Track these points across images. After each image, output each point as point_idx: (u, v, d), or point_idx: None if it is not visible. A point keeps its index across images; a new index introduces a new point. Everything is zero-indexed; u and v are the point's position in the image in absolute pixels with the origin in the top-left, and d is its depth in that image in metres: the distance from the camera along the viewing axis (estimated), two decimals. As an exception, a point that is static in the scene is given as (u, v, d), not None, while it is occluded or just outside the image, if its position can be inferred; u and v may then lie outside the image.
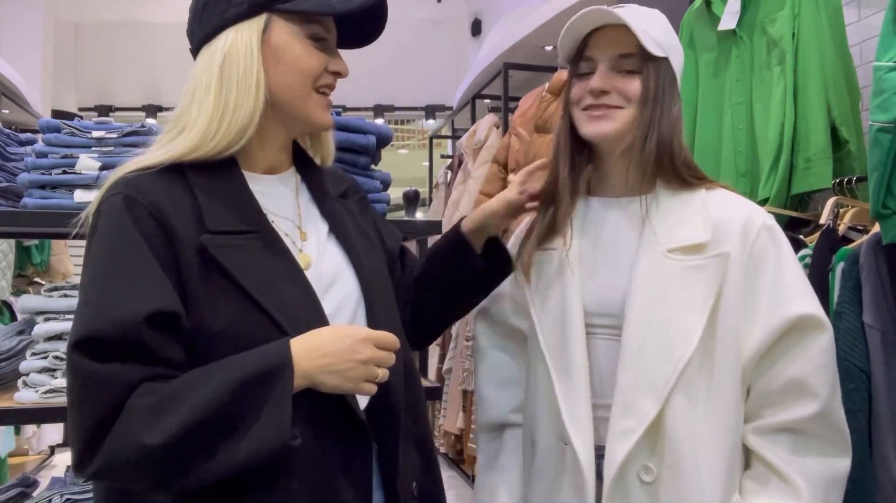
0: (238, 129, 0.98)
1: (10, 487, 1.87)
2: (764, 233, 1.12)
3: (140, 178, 0.95)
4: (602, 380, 1.13)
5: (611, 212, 1.20)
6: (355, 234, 1.11)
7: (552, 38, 3.95)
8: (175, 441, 0.83)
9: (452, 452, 4.64)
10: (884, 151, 1.49)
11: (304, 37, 1.01)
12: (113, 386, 0.85)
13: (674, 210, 1.15)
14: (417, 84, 6.85)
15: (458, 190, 4.20)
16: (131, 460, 0.84)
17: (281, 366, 0.88)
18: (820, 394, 1.08)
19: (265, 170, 1.07)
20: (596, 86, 1.13)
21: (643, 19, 1.14)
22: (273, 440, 0.86)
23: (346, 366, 0.92)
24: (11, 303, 3.92)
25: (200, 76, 1.00)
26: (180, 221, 0.93)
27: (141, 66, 6.86)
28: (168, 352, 0.89)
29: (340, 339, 0.93)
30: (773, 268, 1.11)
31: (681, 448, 1.06)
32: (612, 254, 1.17)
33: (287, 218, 1.05)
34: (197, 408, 0.84)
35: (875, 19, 2.10)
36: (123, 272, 0.90)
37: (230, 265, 0.92)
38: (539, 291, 1.21)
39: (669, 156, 1.14)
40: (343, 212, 1.13)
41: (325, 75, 1.04)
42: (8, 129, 2.03)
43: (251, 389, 0.86)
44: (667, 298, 1.09)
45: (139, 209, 0.92)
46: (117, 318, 0.86)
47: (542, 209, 1.23)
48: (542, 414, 1.19)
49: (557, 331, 1.17)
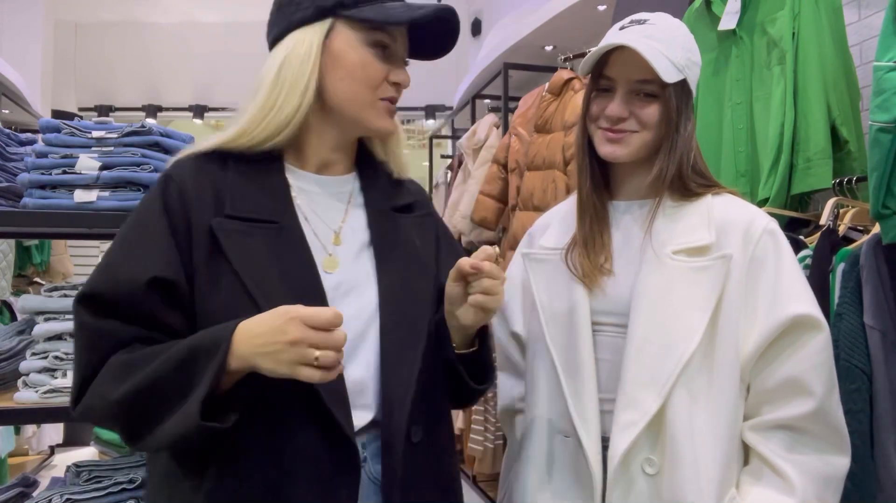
0: (276, 126, 1.01)
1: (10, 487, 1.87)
2: (766, 236, 1.15)
3: (186, 160, 1.03)
4: (607, 376, 1.16)
5: (622, 214, 1.25)
6: (397, 249, 1.07)
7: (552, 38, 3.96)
8: (125, 401, 0.89)
9: (452, 452, 4.64)
10: (884, 151, 1.49)
11: (366, 44, 1.03)
12: (106, 340, 0.93)
13: (680, 214, 1.19)
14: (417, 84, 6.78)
15: (459, 190, 4.20)
16: (98, 409, 0.93)
17: (216, 344, 0.87)
18: (816, 392, 1.10)
19: (317, 167, 1.08)
20: (614, 114, 1.17)
21: (664, 41, 1.16)
22: (186, 421, 0.86)
23: (275, 348, 0.86)
24: (11, 303, 3.92)
25: (263, 75, 1.03)
26: (202, 202, 0.98)
27: (141, 66, 6.86)
28: (166, 318, 0.95)
29: (273, 319, 0.87)
30: (772, 271, 1.14)
31: (680, 442, 1.09)
32: (622, 255, 1.21)
33: (324, 219, 1.05)
34: (146, 374, 0.89)
35: (875, 19, 2.11)
36: (137, 241, 0.97)
37: (231, 250, 0.95)
38: (547, 290, 1.25)
39: (678, 171, 1.18)
40: (392, 225, 1.09)
41: (385, 85, 1.04)
42: (8, 129, 2.03)
43: (190, 363, 0.88)
44: (671, 298, 1.13)
45: (172, 186, 0.99)
46: (118, 279, 0.94)
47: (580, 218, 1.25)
48: (543, 409, 1.22)
49: (565, 329, 1.20)
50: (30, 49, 5.77)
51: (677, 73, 1.15)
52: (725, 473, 1.10)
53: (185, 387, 0.87)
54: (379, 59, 1.03)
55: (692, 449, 1.08)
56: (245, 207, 0.99)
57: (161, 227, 0.96)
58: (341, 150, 1.10)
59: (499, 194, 3.49)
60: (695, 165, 1.20)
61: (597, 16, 3.39)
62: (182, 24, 6.86)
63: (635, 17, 1.20)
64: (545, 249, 1.29)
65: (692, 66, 1.19)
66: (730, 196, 1.22)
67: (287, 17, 1.03)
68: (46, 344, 1.62)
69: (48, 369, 1.60)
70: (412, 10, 1.01)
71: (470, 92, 4.88)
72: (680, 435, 1.09)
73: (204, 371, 0.86)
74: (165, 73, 6.81)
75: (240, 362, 0.88)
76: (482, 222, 3.54)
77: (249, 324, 0.89)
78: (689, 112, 1.20)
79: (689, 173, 1.19)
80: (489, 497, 3.97)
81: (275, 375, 0.87)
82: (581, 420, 1.15)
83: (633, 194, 1.24)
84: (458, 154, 4.56)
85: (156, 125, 1.75)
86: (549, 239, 1.30)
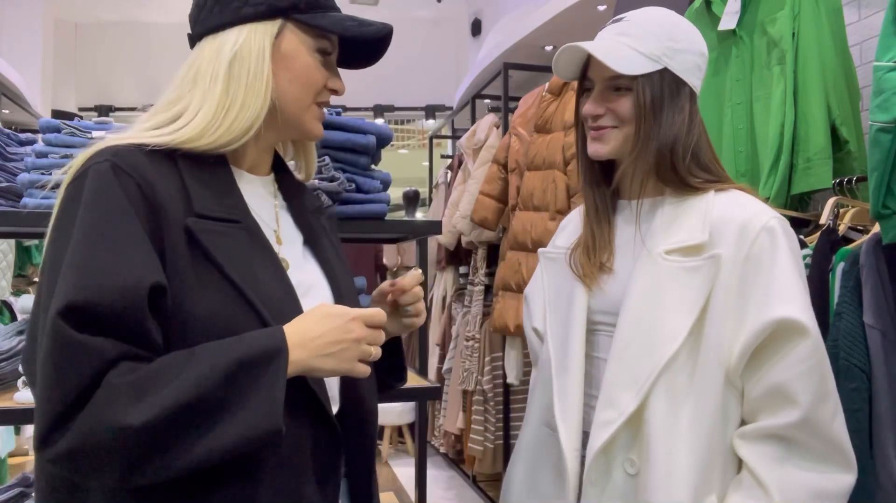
0: (243, 128, 0.98)
1: (10, 487, 1.87)
2: (763, 235, 1.10)
3: (129, 152, 0.92)
4: (601, 374, 1.17)
5: (622, 213, 1.25)
6: (327, 250, 1.11)
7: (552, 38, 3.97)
8: (158, 422, 0.78)
9: (452, 452, 4.64)
10: (884, 151, 1.49)
11: (313, 49, 1.03)
12: (95, 359, 0.80)
13: (676, 212, 1.16)
14: (417, 84, 6.86)
15: (458, 190, 4.20)
16: (104, 440, 0.78)
17: (275, 351, 0.86)
18: (801, 401, 1.05)
19: (249, 167, 1.07)
20: (588, 112, 1.19)
21: (634, 35, 1.16)
22: (264, 425, 0.83)
23: (341, 347, 0.91)
24: (11, 304, 3.92)
25: (204, 66, 0.99)
26: (169, 200, 0.90)
27: (141, 66, 6.86)
28: (151, 331, 0.85)
29: (330, 320, 0.91)
30: (766, 271, 1.09)
31: (655, 443, 1.07)
32: (623, 254, 1.22)
33: (265, 220, 1.04)
34: (183, 390, 0.80)
35: (875, 19, 2.11)
36: (115, 240, 0.85)
37: (216, 252, 0.90)
38: (554, 288, 1.29)
39: (670, 164, 1.16)
40: (318, 226, 1.13)
41: (325, 91, 1.05)
42: (8, 129, 2.03)
43: (243, 373, 0.83)
44: (659, 299, 1.11)
45: (127, 180, 0.89)
46: (112, 287, 0.82)
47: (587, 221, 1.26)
48: (538, 401, 1.27)
49: (563, 326, 1.23)
50: (30, 49, 5.78)
51: (649, 63, 1.14)
52: (702, 478, 1.07)
53: (237, 399, 0.83)
54: (321, 65, 1.04)
55: (667, 451, 1.06)
56: (210, 206, 0.94)
57: (135, 225, 0.87)
58: (270, 150, 1.10)
59: (499, 194, 3.49)
60: (697, 158, 1.17)
61: (597, 16, 3.39)
62: (182, 24, 6.80)
63: (617, 17, 1.21)
64: (557, 248, 1.32)
65: (675, 54, 1.16)
66: (736, 192, 1.17)
67: (232, 9, 1.00)
68: (46, 344, 1.62)
69: (48, 369, 1.60)
70: (363, 27, 1.03)
71: (470, 92, 4.89)
72: (655, 437, 1.07)
73: (263, 377, 0.84)
74: (165, 73, 6.74)
75: (296, 367, 0.89)
76: (482, 222, 3.54)
77: (298, 329, 0.90)
78: (679, 102, 1.16)
79: (687, 165, 1.16)
80: (489, 497, 3.97)
81: (329, 375, 0.92)
82: (562, 415, 1.17)
83: (630, 193, 1.24)
84: (458, 154, 4.56)
85: (156, 125, 1.74)
86: (563, 238, 1.34)
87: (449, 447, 4.57)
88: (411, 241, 2.16)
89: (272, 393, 0.84)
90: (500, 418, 3.83)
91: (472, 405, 4.00)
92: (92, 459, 0.79)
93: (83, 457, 0.79)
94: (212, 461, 0.82)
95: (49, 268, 0.86)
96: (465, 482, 4.37)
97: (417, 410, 2.06)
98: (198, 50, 1.02)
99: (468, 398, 4.06)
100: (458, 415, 4.19)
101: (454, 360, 4.32)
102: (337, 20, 1.02)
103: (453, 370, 4.30)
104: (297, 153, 1.18)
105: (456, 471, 4.57)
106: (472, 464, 4.11)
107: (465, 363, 4.05)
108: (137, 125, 1.00)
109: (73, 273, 0.82)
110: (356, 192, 1.71)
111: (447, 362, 4.42)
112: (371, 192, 1.73)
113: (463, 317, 4.29)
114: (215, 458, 0.82)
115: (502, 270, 3.18)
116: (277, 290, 0.95)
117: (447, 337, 4.56)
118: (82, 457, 0.79)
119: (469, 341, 4.06)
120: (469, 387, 3.99)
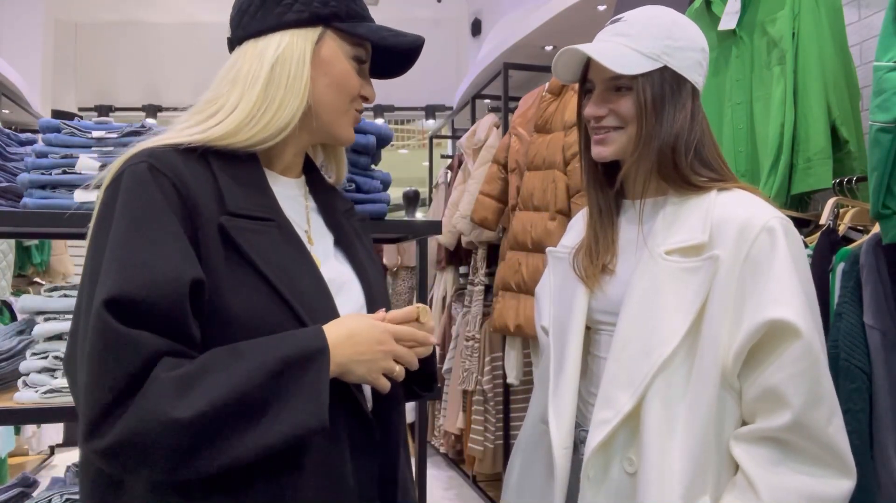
0: (278, 127, 1.00)
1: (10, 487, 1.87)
2: (763, 235, 1.08)
3: (164, 153, 0.95)
4: (601, 373, 1.17)
5: (625, 213, 1.26)
6: (359, 251, 1.13)
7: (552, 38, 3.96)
8: (207, 415, 0.80)
9: (452, 452, 4.64)
10: (884, 151, 1.49)
11: (350, 57, 1.06)
12: (142, 352, 0.81)
13: (678, 212, 1.16)
14: (417, 84, 6.85)
15: (458, 190, 4.20)
16: (154, 432, 0.79)
17: (319, 351, 0.89)
18: (793, 403, 1.04)
19: (282, 169, 1.09)
20: (591, 114, 1.20)
21: (632, 34, 1.16)
22: (310, 421, 0.85)
23: (374, 356, 0.94)
24: (11, 303, 3.92)
25: (246, 68, 1.01)
26: (203, 199, 0.93)
27: (141, 66, 6.86)
28: (191, 327, 0.87)
29: (371, 328, 0.95)
30: (764, 272, 1.07)
31: (648, 443, 1.08)
32: (625, 254, 1.22)
33: (296, 221, 1.06)
34: (231, 385, 0.82)
35: (875, 19, 2.11)
36: (154, 237, 0.87)
37: (250, 249, 0.92)
38: (559, 287, 1.30)
39: (672, 163, 1.16)
40: (348, 228, 1.15)
41: (358, 98, 1.09)
42: (8, 129, 2.03)
43: (289, 371, 0.86)
44: (658, 299, 1.11)
45: (163, 179, 0.91)
46: (155, 281, 0.83)
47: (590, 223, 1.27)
48: (538, 401, 1.31)
49: (564, 325, 1.24)
50: (30, 49, 5.78)
51: (648, 62, 1.14)
52: (696, 479, 1.06)
53: (280, 397, 0.85)
54: (357, 73, 1.08)
55: (661, 451, 1.06)
56: (243, 205, 0.96)
57: (173, 223, 0.89)
58: (302, 153, 1.13)
59: (499, 194, 3.49)
60: (700, 156, 1.17)
61: (597, 16, 3.39)
62: (182, 24, 6.87)
63: (615, 17, 1.21)
64: (564, 248, 1.33)
65: (675, 52, 1.16)
66: (739, 192, 1.16)
67: (275, 14, 1.03)
68: (46, 344, 1.62)
69: (48, 369, 1.60)
70: (398, 37, 1.08)
71: (470, 92, 4.89)
72: (650, 437, 1.07)
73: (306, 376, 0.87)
74: (165, 73, 6.81)
75: (335, 367, 0.91)
76: (482, 222, 3.54)
77: (340, 331, 0.93)
78: (681, 100, 1.16)
79: (690, 163, 1.15)
80: (489, 497, 3.97)
81: (359, 381, 0.95)
82: (555, 414, 1.19)
83: (633, 193, 1.24)
84: (458, 154, 4.56)
85: (156, 125, 1.75)
86: (569, 238, 1.35)
87: (449, 447, 4.57)
88: (411, 241, 2.16)
89: (317, 390, 0.87)
90: (500, 418, 3.83)
91: (472, 405, 4.00)
92: (140, 452, 0.80)
93: (131, 450, 0.80)
94: (257, 457, 0.83)
95: (90, 270, 0.89)
96: (465, 482, 4.36)
97: (417, 410, 2.06)
98: (239, 53, 1.05)
99: (468, 398, 4.06)
100: (458, 415, 4.19)
101: (454, 360, 4.32)
102: (374, 30, 1.07)
103: (453, 370, 4.30)
104: (327, 157, 1.22)
105: (456, 471, 4.57)
106: (472, 464, 4.10)
107: (465, 363, 4.05)
108: (176, 125, 1.02)
109: (115, 268, 0.84)
110: (356, 191, 1.71)
111: (447, 362, 4.41)
112: (371, 192, 1.73)
113: (463, 317, 4.29)
114: (260, 454, 0.83)
115: (502, 270, 3.18)
116: (311, 287, 0.97)
117: (447, 337, 4.55)
118: (130, 449, 0.80)
119: (469, 341, 4.06)
120: (469, 387, 3.98)
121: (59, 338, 1.62)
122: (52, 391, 1.58)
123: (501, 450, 3.81)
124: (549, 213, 2.89)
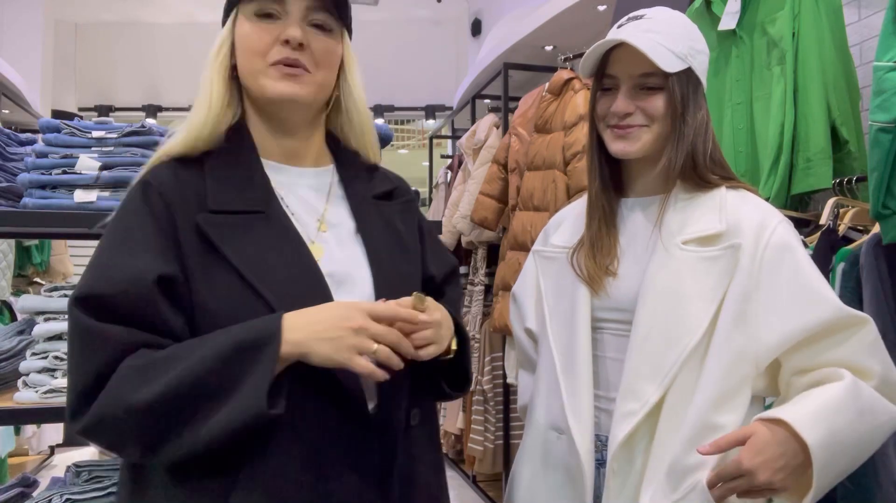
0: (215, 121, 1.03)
1: (10, 487, 1.87)
2: (781, 228, 1.13)
3: (161, 167, 1.02)
4: (608, 374, 1.17)
5: (632, 212, 1.25)
6: (384, 235, 1.09)
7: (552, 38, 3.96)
8: (156, 404, 0.84)
9: (452, 452, 4.64)
10: (884, 151, 1.49)
11: (251, 16, 1.03)
12: (112, 344, 0.88)
13: (692, 205, 1.18)
14: (417, 84, 6.85)
15: (458, 190, 4.20)
16: (116, 419, 0.86)
17: (267, 336, 0.87)
18: (875, 370, 1.09)
19: (284, 159, 1.08)
20: (620, 110, 1.17)
21: (662, 32, 1.16)
22: (251, 409, 0.84)
23: (339, 334, 0.88)
24: (11, 303, 3.92)
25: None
26: (185, 202, 0.97)
27: (141, 66, 6.86)
28: (169, 321, 0.91)
29: (337, 307, 0.92)
30: (792, 267, 1.11)
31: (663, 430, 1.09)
32: (628, 253, 1.21)
33: (304, 209, 1.06)
34: (180, 374, 0.85)
35: (875, 19, 2.10)
36: (131, 243, 0.94)
37: (223, 243, 0.94)
38: (553, 288, 1.27)
39: (692, 163, 1.18)
40: (376, 212, 1.11)
41: (277, 48, 1.00)
42: (8, 129, 2.03)
43: (235, 358, 0.86)
44: (678, 289, 1.12)
45: (151, 191, 0.98)
46: (121, 279, 0.90)
47: (589, 219, 1.25)
48: (542, 407, 1.24)
49: (566, 327, 1.21)
50: (30, 49, 5.78)
51: (679, 62, 1.15)
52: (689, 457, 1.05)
53: (232, 381, 0.85)
54: (265, 27, 1.01)
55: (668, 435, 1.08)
56: (226, 201, 0.98)
57: (152, 229, 0.94)
58: (288, 136, 1.08)
59: (499, 194, 3.49)
60: (713, 155, 1.19)
61: (597, 16, 3.39)
62: (182, 24, 6.86)
63: (633, 14, 1.21)
64: (555, 247, 1.30)
65: (696, 55, 1.18)
66: (745, 192, 1.20)
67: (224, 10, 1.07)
68: (46, 344, 1.62)
69: (48, 369, 1.60)
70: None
71: (470, 92, 4.88)
72: (665, 423, 1.08)
73: (256, 361, 0.86)
74: (165, 73, 6.81)
75: (293, 348, 0.88)
76: (482, 222, 3.54)
77: (302, 314, 0.90)
78: (699, 101, 1.19)
79: (706, 162, 1.18)
80: (489, 497, 3.97)
81: (326, 364, 0.89)
82: (575, 418, 1.16)
83: (643, 191, 1.24)
84: (458, 154, 4.56)
85: (156, 125, 1.75)
86: (560, 237, 1.32)
87: (449, 447, 4.57)
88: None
89: (259, 377, 0.85)
90: (500, 418, 3.83)
91: (471, 405, 4.00)
92: (110, 435, 0.89)
93: (102, 433, 0.89)
94: (218, 441, 0.85)
95: None
96: (465, 482, 4.36)
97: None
98: None
99: (468, 398, 4.06)
100: (458, 415, 4.19)
101: (454, 360, 4.31)
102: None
103: (453, 370, 4.30)
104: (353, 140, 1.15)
105: (456, 471, 4.57)
106: (472, 464, 4.11)
107: (465, 363, 4.05)
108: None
109: (90, 271, 0.93)
110: (356, 192, 1.71)
111: (447, 362, 4.41)
112: (371, 192, 1.73)
113: (463, 318, 4.28)
114: (217, 439, 0.85)
115: (502, 270, 3.18)
116: (293, 276, 0.96)
117: (447, 337, 4.55)
118: (101, 432, 0.89)
119: (469, 341, 4.05)
120: (469, 387, 3.98)
121: (58, 338, 1.62)
122: (52, 391, 1.58)
123: (501, 450, 3.81)
124: (549, 212, 2.89)
